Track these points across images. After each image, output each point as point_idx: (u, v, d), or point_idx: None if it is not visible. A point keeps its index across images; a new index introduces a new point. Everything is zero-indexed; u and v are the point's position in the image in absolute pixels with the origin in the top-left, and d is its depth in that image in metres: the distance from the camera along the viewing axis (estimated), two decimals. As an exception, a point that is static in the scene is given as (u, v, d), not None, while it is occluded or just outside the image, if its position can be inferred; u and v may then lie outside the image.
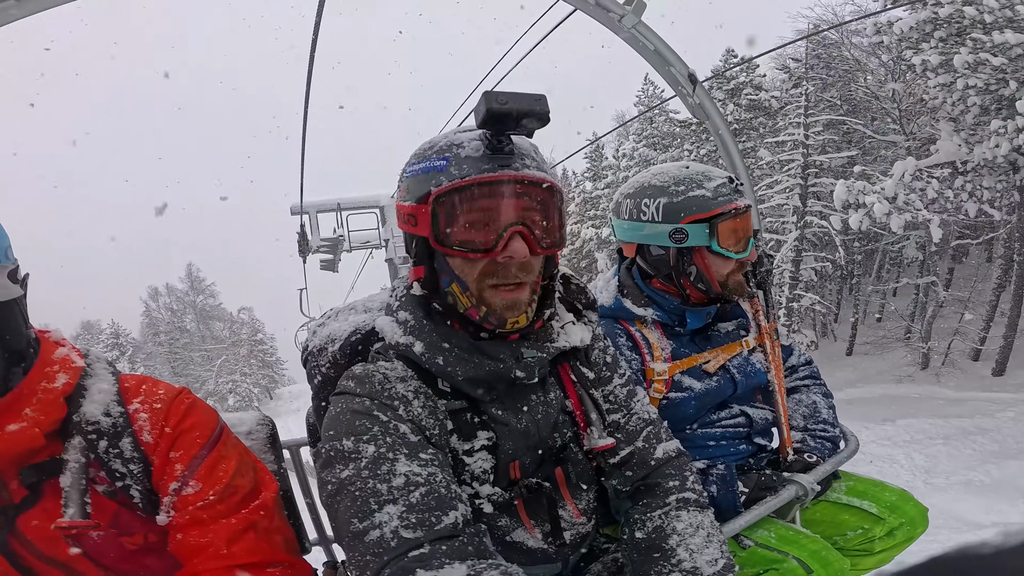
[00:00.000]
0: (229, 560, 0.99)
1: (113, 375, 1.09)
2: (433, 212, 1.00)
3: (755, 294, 1.81)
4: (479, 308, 1.04)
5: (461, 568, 0.86)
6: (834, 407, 1.87)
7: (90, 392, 1.03)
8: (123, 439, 1.02)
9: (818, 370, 1.98)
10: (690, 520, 1.14)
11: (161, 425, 1.05)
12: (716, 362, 1.70)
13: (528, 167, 1.03)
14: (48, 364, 1.01)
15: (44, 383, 0.98)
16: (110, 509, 1.02)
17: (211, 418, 1.12)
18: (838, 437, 1.77)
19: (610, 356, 1.31)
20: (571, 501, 1.20)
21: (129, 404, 1.05)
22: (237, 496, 1.05)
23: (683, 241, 1.58)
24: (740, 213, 1.58)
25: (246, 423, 1.45)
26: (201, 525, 1.00)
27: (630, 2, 1.84)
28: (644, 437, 1.25)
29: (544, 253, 1.04)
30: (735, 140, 2.17)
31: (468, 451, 1.08)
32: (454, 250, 1.00)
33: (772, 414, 1.76)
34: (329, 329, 1.22)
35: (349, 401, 1.03)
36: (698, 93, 2.05)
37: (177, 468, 1.03)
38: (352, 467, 0.94)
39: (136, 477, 1.02)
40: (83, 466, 0.99)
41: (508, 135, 1.01)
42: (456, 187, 0.99)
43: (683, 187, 1.59)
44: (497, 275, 1.01)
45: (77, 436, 1.00)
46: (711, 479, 1.55)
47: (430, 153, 1.06)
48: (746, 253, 1.60)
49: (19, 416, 0.93)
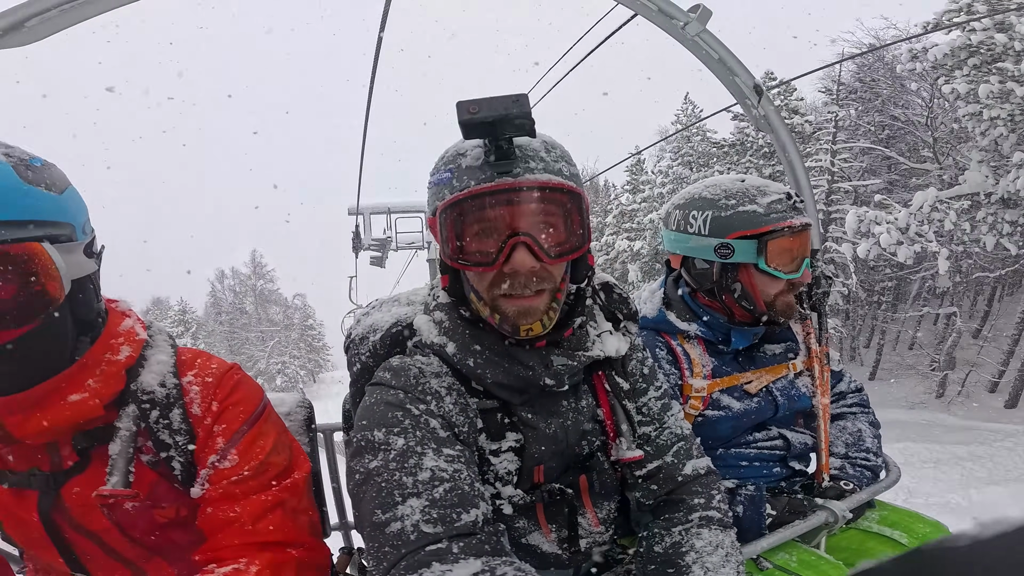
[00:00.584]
0: (252, 537, 0.97)
1: (172, 347, 1.08)
2: (440, 226, 0.97)
3: (808, 316, 1.70)
4: (493, 316, 1.00)
5: (476, 564, 0.83)
6: (880, 437, 1.74)
7: (149, 363, 1.03)
8: (174, 410, 1.01)
9: (868, 398, 1.85)
10: (710, 538, 1.09)
11: (210, 399, 1.04)
12: (759, 383, 1.60)
13: (533, 170, 0.95)
14: (114, 336, 1.00)
15: (108, 355, 0.97)
16: (149, 480, 1.01)
17: (256, 395, 1.11)
18: (879, 467, 1.66)
19: (647, 368, 1.26)
20: (591, 509, 1.16)
21: (183, 376, 1.05)
22: (271, 473, 1.04)
23: (728, 257, 1.49)
24: (794, 231, 1.47)
25: (286, 404, 1.45)
26: (232, 500, 0.99)
27: (695, 9, 1.73)
28: (674, 452, 1.19)
29: (554, 262, 0.96)
30: (800, 155, 2.01)
31: (495, 451, 1.05)
32: (459, 263, 0.97)
33: (812, 439, 1.65)
34: (372, 319, 1.20)
35: (384, 392, 1.01)
36: (763, 104, 1.92)
37: (219, 442, 1.02)
38: (380, 458, 0.93)
39: (180, 448, 1.01)
40: (133, 435, 0.98)
41: (508, 138, 0.93)
42: (454, 201, 0.95)
43: (733, 201, 1.50)
44: (507, 285, 0.96)
45: (132, 405, 0.99)
46: (739, 499, 1.48)
47: (440, 164, 1.02)
48: (798, 274, 1.50)
49: (82, 386, 0.93)
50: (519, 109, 0.88)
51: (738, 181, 1.55)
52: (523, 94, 0.89)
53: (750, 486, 1.50)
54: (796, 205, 1.50)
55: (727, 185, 1.54)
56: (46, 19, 1.18)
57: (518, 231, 0.93)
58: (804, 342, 1.70)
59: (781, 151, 1.99)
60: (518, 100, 0.88)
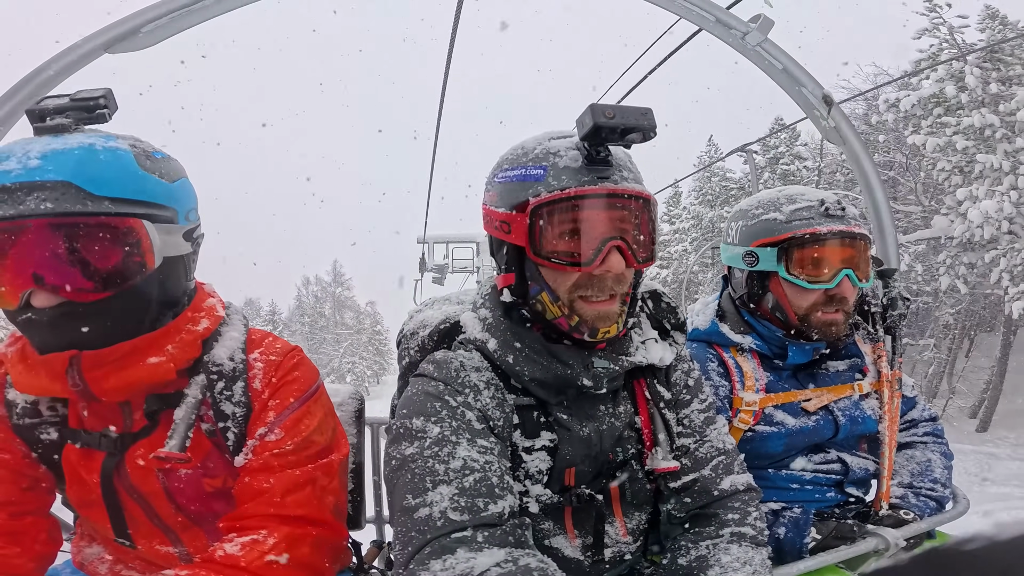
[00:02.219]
0: (279, 509, 0.98)
1: (244, 326, 1.12)
2: (531, 222, 0.95)
3: (880, 339, 1.55)
4: (570, 318, 0.98)
5: (499, 553, 0.83)
6: (951, 468, 1.56)
7: (223, 338, 1.06)
8: (237, 383, 1.04)
9: (942, 428, 1.65)
10: (739, 555, 1.02)
11: (271, 375, 1.07)
12: (818, 401, 1.46)
13: (626, 179, 0.97)
14: (197, 310, 1.05)
15: (189, 325, 1.02)
16: (204, 448, 1.04)
17: (312, 376, 1.12)
18: (946, 498, 1.49)
19: (693, 380, 1.19)
20: (621, 518, 1.11)
21: (251, 353, 1.08)
22: (310, 450, 1.05)
23: (754, 265, 1.43)
24: (821, 239, 1.35)
25: (340, 395, 1.48)
26: (268, 471, 1.01)
27: (755, 19, 1.63)
28: (713, 466, 1.12)
29: (640, 267, 0.98)
30: (876, 168, 1.83)
31: (528, 448, 1.03)
32: (551, 262, 0.95)
33: (875, 465, 1.49)
34: (424, 316, 1.21)
35: (425, 383, 1.01)
36: (834, 115, 1.77)
37: (270, 415, 1.04)
38: (416, 445, 0.93)
39: (237, 420, 1.03)
40: (198, 403, 1.01)
41: (606, 145, 0.95)
42: (556, 199, 0.94)
43: (761, 210, 1.44)
44: (591, 287, 0.96)
45: (202, 374, 1.02)
46: (782, 521, 1.37)
47: (525, 160, 1.00)
48: (831, 284, 1.35)
49: (161, 351, 0.97)
50: (648, 122, 0.91)
51: (776, 191, 1.47)
52: (650, 108, 0.92)
53: (796, 508, 1.39)
54: (831, 212, 1.37)
55: (764, 195, 1.48)
56: (158, 26, 1.27)
57: (615, 235, 0.94)
58: (875, 364, 1.55)
59: (854, 163, 1.83)
60: (647, 113, 0.92)
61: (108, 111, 0.96)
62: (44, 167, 0.85)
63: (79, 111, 0.94)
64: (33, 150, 0.87)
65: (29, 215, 0.84)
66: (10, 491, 1.01)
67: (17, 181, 0.84)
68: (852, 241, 1.36)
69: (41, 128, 0.91)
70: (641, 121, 0.90)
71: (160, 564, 1.12)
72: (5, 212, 0.84)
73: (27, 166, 0.85)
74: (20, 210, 0.83)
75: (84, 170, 0.87)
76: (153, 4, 1.27)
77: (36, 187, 0.84)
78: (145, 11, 1.26)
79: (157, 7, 1.27)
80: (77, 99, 0.94)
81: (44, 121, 0.92)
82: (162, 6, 1.27)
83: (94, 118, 0.95)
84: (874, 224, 1.82)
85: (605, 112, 0.88)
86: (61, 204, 0.85)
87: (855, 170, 1.82)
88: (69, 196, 0.85)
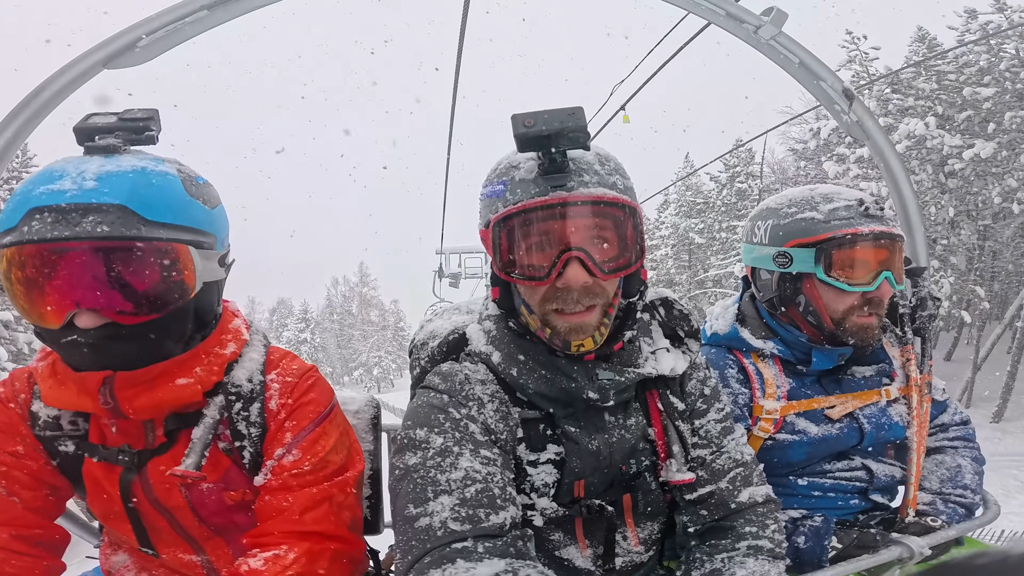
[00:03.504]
0: (298, 526, 0.98)
1: (264, 347, 1.12)
2: (493, 239, 0.92)
3: (909, 341, 1.44)
4: (544, 330, 0.95)
5: (499, 564, 0.80)
6: (982, 473, 1.46)
7: (242, 359, 1.06)
8: (254, 404, 1.04)
9: (974, 432, 1.54)
10: (755, 568, 0.97)
11: (287, 396, 1.06)
12: (843, 408, 1.37)
13: (588, 184, 0.89)
14: (224, 332, 1.05)
15: (217, 348, 1.02)
16: (223, 465, 1.04)
17: (327, 397, 1.12)
18: (975, 504, 1.39)
19: (709, 389, 1.13)
20: (633, 529, 1.07)
21: (268, 374, 1.08)
22: (327, 470, 1.04)
23: (786, 266, 1.32)
24: (862, 239, 1.26)
25: (356, 402, 1.46)
26: (288, 490, 1.01)
27: (767, 12, 1.50)
28: (730, 479, 1.06)
29: (608, 277, 0.90)
30: (903, 163, 1.70)
31: (533, 462, 0.99)
32: (513, 277, 0.92)
33: (901, 472, 1.40)
34: (434, 326, 1.19)
35: (430, 395, 0.99)
36: (855, 109, 1.64)
37: (287, 436, 1.03)
38: (419, 455, 0.91)
39: (253, 440, 1.03)
40: (215, 423, 1.01)
41: (562, 151, 0.88)
42: (508, 214, 0.90)
43: (794, 208, 1.34)
44: (558, 300, 0.91)
45: (221, 395, 1.02)
46: (801, 529, 1.29)
47: (493, 176, 0.98)
48: (870, 287, 1.26)
49: (190, 372, 0.97)
50: (574, 122, 0.84)
51: (807, 190, 1.37)
52: (579, 107, 0.85)
53: (818, 517, 1.31)
54: (870, 212, 1.28)
55: (794, 194, 1.38)
56: (154, 39, 1.21)
57: (571, 246, 0.87)
58: (903, 368, 1.44)
59: (880, 158, 1.69)
60: (573, 113, 0.84)
61: (155, 133, 0.95)
62: (100, 189, 0.84)
63: (128, 131, 0.93)
64: (88, 171, 0.86)
65: (86, 237, 0.82)
66: (36, 497, 1.01)
67: (72, 202, 0.83)
68: (891, 242, 1.28)
69: (92, 148, 0.90)
70: (567, 123, 0.83)
71: (183, 572, 1.13)
72: (60, 233, 0.82)
73: (83, 187, 0.84)
74: (76, 232, 0.82)
75: (138, 195, 0.87)
76: (146, 18, 1.23)
77: (91, 209, 0.83)
78: (139, 25, 1.23)
79: (151, 21, 1.23)
80: (126, 119, 0.93)
81: (93, 140, 0.91)
82: (155, 20, 1.22)
83: (143, 139, 0.94)
84: (902, 221, 1.70)
85: (524, 121, 0.83)
86: (117, 228, 0.84)
87: (880, 165, 1.69)
88: (124, 220, 0.85)
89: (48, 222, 0.82)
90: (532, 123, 0.83)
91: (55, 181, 0.84)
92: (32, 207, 0.82)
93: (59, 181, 0.84)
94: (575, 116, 0.84)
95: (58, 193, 0.83)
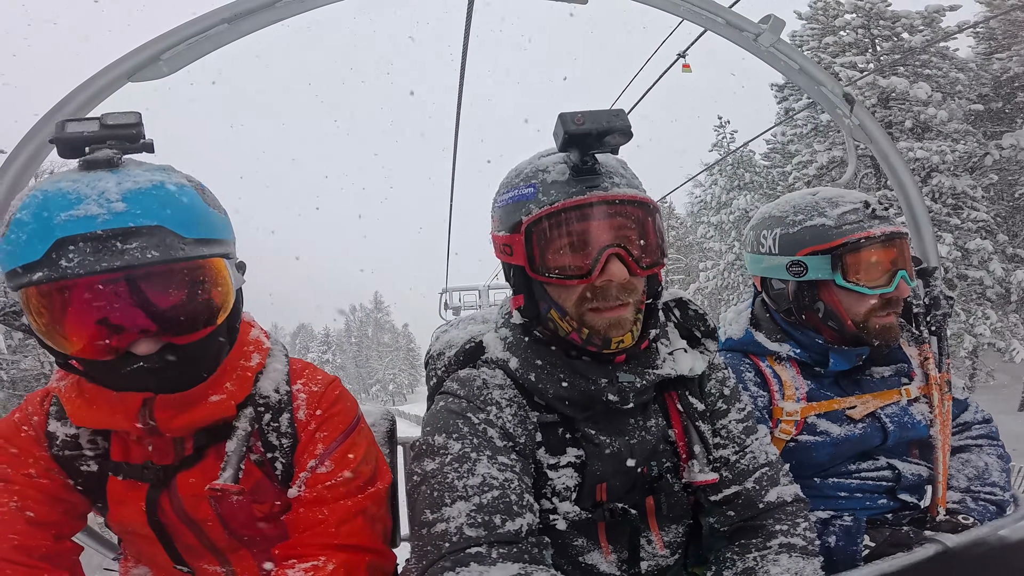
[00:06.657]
0: (334, 539, 0.93)
1: (285, 357, 1.06)
2: (526, 241, 0.88)
3: (926, 340, 1.36)
4: (580, 331, 0.90)
5: (513, 568, 0.77)
6: (1009, 471, 1.36)
7: (267, 370, 1.00)
8: (283, 414, 0.98)
9: (997, 430, 1.44)
10: (789, 565, 0.89)
11: (315, 406, 1.00)
12: (864, 408, 1.28)
13: (618, 185, 0.88)
14: (245, 343, 0.99)
15: (243, 361, 0.96)
16: (254, 477, 0.98)
17: (353, 407, 1.06)
18: (1006, 502, 1.29)
19: (728, 388, 1.07)
20: (657, 532, 1.00)
21: (294, 384, 1.02)
22: (359, 481, 0.99)
23: (802, 275, 1.24)
24: (876, 241, 1.19)
25: (372, 415, 1.39)
26: (322, 503, 0.95)
27: (765, 20, 1.44)
28: (756, 479, 1.00)
29: (644, 273, 0.88)
30: (906, 164, 1.62)
31: (553, 466, 0.94)
32: (550, 278, 0.88)
33: (928, 471, 1.30)
34: (449, 336, 1.14)
35: (448, 401, 0.95)
36: (857, 113, 1.58)
37: (319, 448, 0.97)
38: (437, 461, 0.87)
39: (284, 451, 0.97)
40: (247, 435, 0.95)
41: (592, 154, 0.87)
42: (545, 214, 0.86)
43: (801, 216, 1.26)
44: (597, 299, 0.87)
45: (250, 407, 0.96)
46: (832, 529, 1.20)
47: (517, 181, 0.94)
48: (889, 288, 1.19)
49: (221, 388, 0.91)
50: (621, 122, 0.83)
51: (810, 194, 1.31)
52: (621, 109, 0.85)
53: (847, 516, 1.22)
54: (877, 213, 1.22)
55: (796, 200, 1.31)
56: (176, 53, 1.15)
57: (613, 243, 0.85)
58: (921, 367, 1.36)
59: (883, 160, 1.62)
60: (619, 115, 0.84)
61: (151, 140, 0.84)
62: (132, 211, 0.75)
63: (120, 140, 0.80)
64: (109, 191, 0.75)
65: (138, 265, 0.74)
66: (51, 513, 0.94)
67: (108, 228, 0.73)
68: (900, 241, 1.22)
69: (93, 162, 0.78)
70: (614, 122, 0.83)
71: None
72: (111, 263, 0.73)
73: (111, 210, 0.74)
74: (127, 260, 0.74)
75: (170, 213, 0.79)
76: (169, 31, 1.18)
77: (131, 234, 0.75)
78: (163, 37, 1.18)
79: (173, 34, 1.18)
80: (112, 125, 0.80)
81: (82, 151, 0.80)
82: (177, 33, 1.18)
83: (137, 148, 0.83)
84: (909, 222, 1.62)
85: (575, 119, 0.82)
86: (165, 251, 0.76)
87: (883, 165, 1.61)
88: (168, 242, 0.77)
89: (88, 252, 0.72)
90: (583, 121, 0.81)
91: (76, 206, 0.72)
92: (60, 236, 0.71)
93: (82, 205, 0.73)
94: (620, 117, 0.84)
95: (87, 220, 0.72)
